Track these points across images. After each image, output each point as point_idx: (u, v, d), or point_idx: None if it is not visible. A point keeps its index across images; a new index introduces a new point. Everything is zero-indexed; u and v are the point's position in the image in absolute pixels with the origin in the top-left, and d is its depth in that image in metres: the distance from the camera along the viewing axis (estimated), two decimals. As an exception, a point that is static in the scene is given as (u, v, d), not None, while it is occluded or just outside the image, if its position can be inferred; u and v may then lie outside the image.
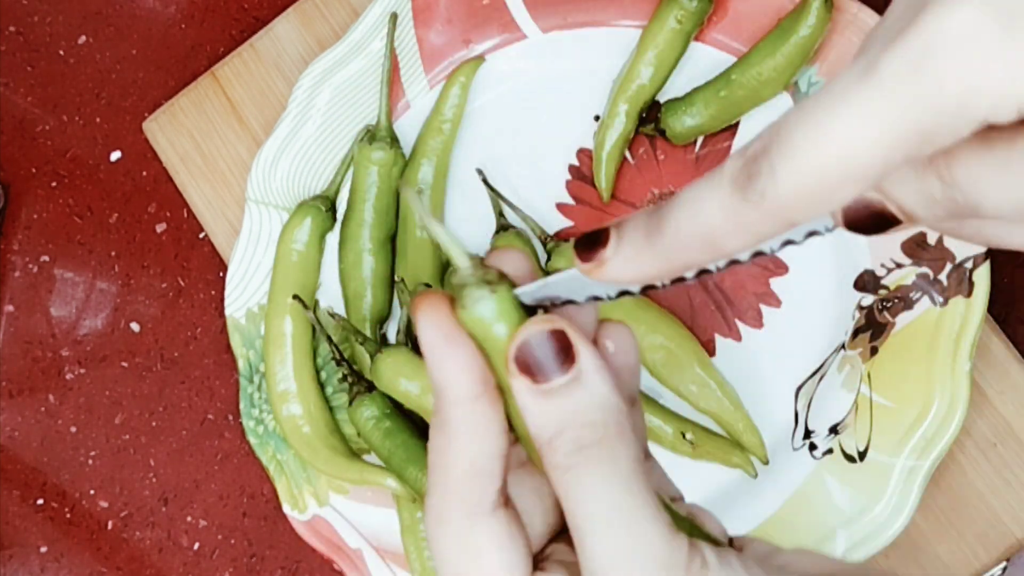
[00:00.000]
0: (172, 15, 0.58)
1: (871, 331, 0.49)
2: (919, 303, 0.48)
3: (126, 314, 0.56)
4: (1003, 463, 0.49)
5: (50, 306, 0.57)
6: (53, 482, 0.56)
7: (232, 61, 0.54)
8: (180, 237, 0.56)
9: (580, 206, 0.52)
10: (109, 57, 0.58)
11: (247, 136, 0.54)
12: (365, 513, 0.50)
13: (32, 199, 0.57)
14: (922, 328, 0.48)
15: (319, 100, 0.51)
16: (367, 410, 0.49)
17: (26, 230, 0.57)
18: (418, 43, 0.52)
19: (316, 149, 0.52)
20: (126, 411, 0.56)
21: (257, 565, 0.54)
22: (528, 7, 0.52)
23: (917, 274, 0.48)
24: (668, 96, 0.51)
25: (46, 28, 0.58)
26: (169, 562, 0.55)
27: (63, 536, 0.55)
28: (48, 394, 0.56)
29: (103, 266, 0.57)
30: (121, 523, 0.55)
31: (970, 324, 0.47)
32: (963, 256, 0.47)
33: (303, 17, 0.54)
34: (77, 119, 0.58)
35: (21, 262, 0.57)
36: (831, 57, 0.49)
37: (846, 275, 0.49)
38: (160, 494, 0.55)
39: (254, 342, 0.51)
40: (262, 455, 0.51)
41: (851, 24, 0.48)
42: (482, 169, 0.52)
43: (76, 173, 0.57)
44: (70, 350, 0.56)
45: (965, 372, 0.47)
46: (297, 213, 0.51)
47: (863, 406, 0.48)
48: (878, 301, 0.49)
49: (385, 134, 0.51)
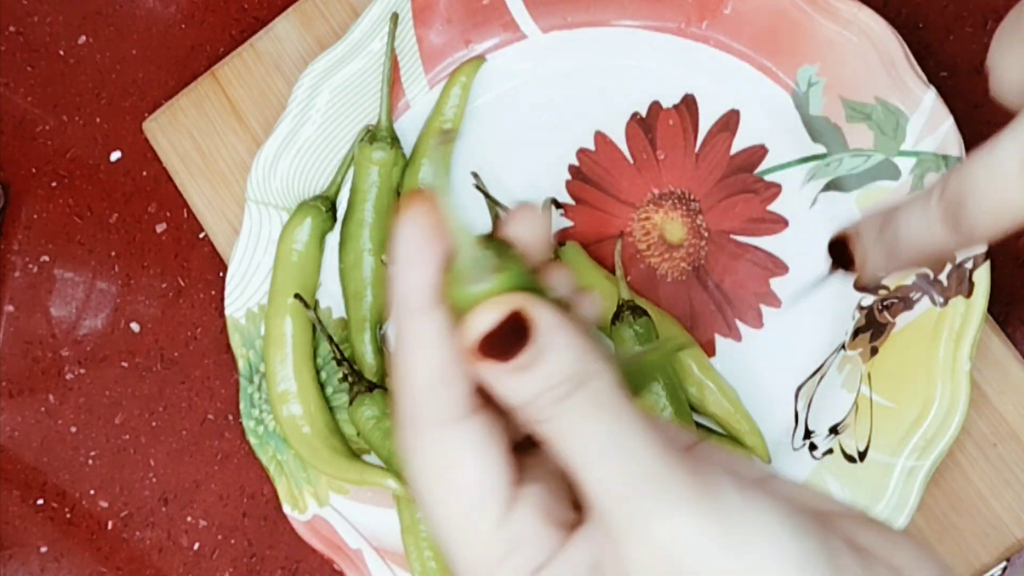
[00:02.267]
0: (172, 15, 0.58)
1: (871, 331, 0.49)
2: (919, 303, 0.48)
3: (126, 314, 0.56)
4: (1003, 463, 0.49)
5: (50, 306, 0.57)
6: (53, 482, 0.56)
7: (232, 61, 0.54)
8: (180, 237, 0.56)
9: (580, 206, 0.52)
10: (109, 57, 0.58)
11: (247, 136, 0.54)
12: (365, 513, 0.50)
13: (32, 199, 0.57)
14: (922, 328, 0.48)
15: (319, 100, 0.51)
16: (367, 410, 0.49)
17: (26, 230, 0.57)
18: (418, 43, 0.52)
19: (316, 149, 0.52)
20: (126, 411, 0.56)
21: (257, 565, 0.54)
22: (528, 7, 0.52)
23: (917, 274, 0.48)
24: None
25: (46, 28, 0.58)
26: (169, 562, 0.55)
27: (63, 536, 0.55)
28: (48, 394, 0.56)
29: (103, 266, 0.57)
30: (121, 523, 0.55)
31: (970, 324, 0.47)
32: (963, 256, 0.47)
33: (303, 17, 0.54)
34: (77, 119, 0.58)
35: (21, 262, 0.57)
36: (831, 57, 0.49)
37: (846, 275, 0.49)
38: (160, 494, 0.55)
39: (254, 342, 0.51)
40: (262, 455, 0.51)
41: (851, 23, 0.48)
42: (480, 171, 0.51)
43: (76, 173, 0.57)
44: (70, 350, 0.56)
45: (965, 372, 0.47)
46: (297, 213, 0.51)
47: (863, 406, 0.48)
48: (878, 301, 0.49)
49: (386, 134, 0.51)
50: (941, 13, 0.53)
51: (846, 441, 0.48)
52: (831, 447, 0.48)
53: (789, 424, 0.49)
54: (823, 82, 0.49)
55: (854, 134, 0.49)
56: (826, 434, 0.49)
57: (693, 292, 0.50)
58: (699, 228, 0.51)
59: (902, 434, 0.47)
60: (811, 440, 0.49)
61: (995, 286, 0.48)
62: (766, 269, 0.50)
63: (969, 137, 0.48)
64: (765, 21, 0.50)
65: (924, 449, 0.47)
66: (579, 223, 0.52)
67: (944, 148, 0.48)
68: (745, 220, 0.51)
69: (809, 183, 0.50)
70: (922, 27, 0.53)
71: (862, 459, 0.48)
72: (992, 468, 0.49)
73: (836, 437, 0.48)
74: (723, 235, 0.51)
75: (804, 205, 0.50)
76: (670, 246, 0.51)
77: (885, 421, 0.48)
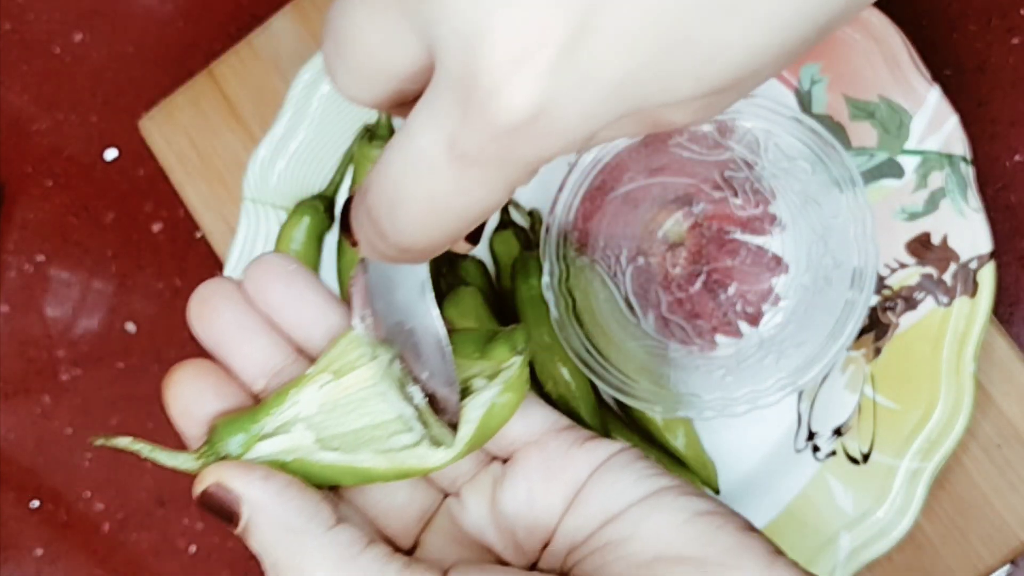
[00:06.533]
0: (168, 12, 0.57)
1: (875, 332, 0.48)
2: (923, 304, 0.48)
3: (122, 314, 0.56)
4: (1008, 465, 0.48)
5: (45, 306, 0.56)
6: (48, 484, 0.55)
7: (229, 59, 0.54)
8: (176, 236, 0.56)
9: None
10: (105, 55, 0.57)
11: (244, 134, 0.53)
12: (363, 515, 0.50)
13: (27, 199, 0.57)
14: (926, 329, 0.47)
15: (317, 98, 0.51)
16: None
17: (21, 230, 0.57)
18: (417, 41, 0.52)
19: (314, 147, 0.52)
20: (122, 412, 0.55)
21: (254, 568, 0.54)
22: (528, 4, 0.51)
23: (921, 274, 0.48)
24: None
25: (41, 25, 0.58)
26: (165, 565, 0.54)
27: (59, 539, 0.55)
28: (43, 395, 0.56)
29: (99, 266, 0.56)
30: (117, 525, 0.55)
31: (975, 325, 0.47)
32: (968, 256, 0.47)
33: (300, 14, 0.54)
34: (72, 117, 0.57)
35: (16, 262, 0.57)
36: (834, 54, 0.49)
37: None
38: (156, 496, 0.55)
39: (251, 343, 0.51)
40: (259, 457, 0.51)
41: (854, 21, 0.48)
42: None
43: (71, 172, 0.57)
44: (65, 351, 0.56)
45: (970, 373, 0.47)
46: (295, 212, 0.50)
47: (867, 408, 0.48)
48: (882, 301, 0.48)
49: (385, 132, 0.50)
50: (945, 11, 0.53)
51: (849, 443, 0.48)
52: (834, 449, 0.48)
53: (792, 425, 0.49)
54: (826, 80, 0.49)
55: (857, 132, 0.49)
56: (829, 435, 0.48)
57: (693, 291, 0.50)
58: (700, 226, 0.50)
59: (906, 436, 0.47)
60: (814, 442, 0.49)
61: (1000, 286, 0.48)
62: (767, 268, 0.50)
63: (973, 135, 0.48)
64: (767, 18, 0.49)
65: (928, 451, 0.47)
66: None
67: (948, 147, 0.47)
68: (746, 219, 0.50)
69: (812, 182, 0.50)
70: (926, 25, 0.53)
71: (866, 461, 0.48)
72: (996, 470, 0.48)
73: (839, 439, 0.48)
74: (724, 233, 0.50)
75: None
76: (671, 244, 0.51)
77: (889, 423, 0.47)
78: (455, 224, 0.23)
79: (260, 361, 0.30)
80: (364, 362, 0.28)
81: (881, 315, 0.48)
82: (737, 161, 0.51)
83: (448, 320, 0.28)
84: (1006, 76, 0.52)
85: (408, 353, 0.28)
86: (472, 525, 0.30)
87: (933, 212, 0.48)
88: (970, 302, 0.47)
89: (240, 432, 0.28)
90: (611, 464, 0.29)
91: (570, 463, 0.29)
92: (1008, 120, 0.52)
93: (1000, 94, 0.52)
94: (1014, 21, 0.52)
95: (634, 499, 0.28)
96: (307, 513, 0.27)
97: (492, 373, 0.28)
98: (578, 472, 0.29)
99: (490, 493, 0.30)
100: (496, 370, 0.28)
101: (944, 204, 0.48)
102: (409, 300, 0.28)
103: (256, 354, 0.30)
